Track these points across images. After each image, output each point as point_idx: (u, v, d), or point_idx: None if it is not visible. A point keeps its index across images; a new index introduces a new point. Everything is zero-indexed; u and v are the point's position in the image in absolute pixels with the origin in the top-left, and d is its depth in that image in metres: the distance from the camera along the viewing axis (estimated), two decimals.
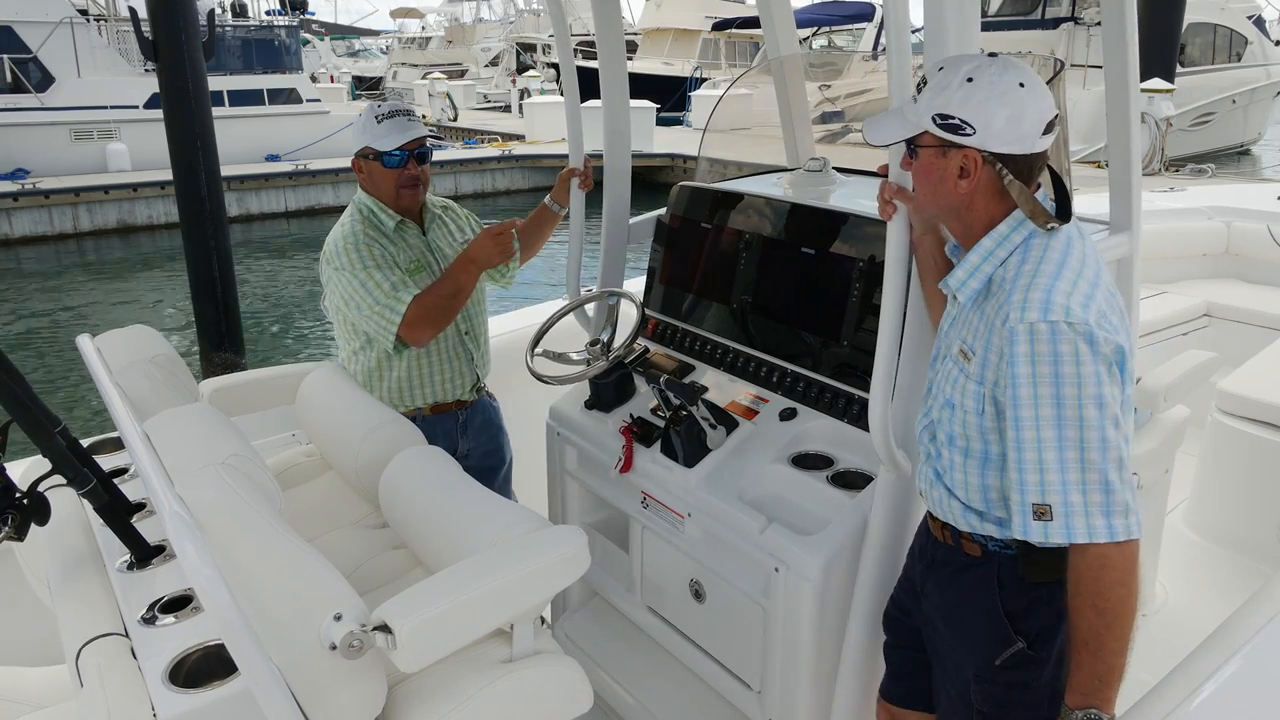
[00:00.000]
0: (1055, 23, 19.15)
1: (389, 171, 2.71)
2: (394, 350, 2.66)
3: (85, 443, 2.08)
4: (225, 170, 8.31)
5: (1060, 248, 1.59)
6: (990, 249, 1.63)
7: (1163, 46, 14.58)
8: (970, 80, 1.56)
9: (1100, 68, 2.23)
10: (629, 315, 2.81)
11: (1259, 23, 22.36)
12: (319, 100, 20.43)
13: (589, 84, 2.85)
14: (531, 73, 30.80)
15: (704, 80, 26.59)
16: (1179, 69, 16.16)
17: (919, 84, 1.65)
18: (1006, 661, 1.69)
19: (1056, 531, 1.50)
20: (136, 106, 17.31)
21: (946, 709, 1.86)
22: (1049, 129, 1.59)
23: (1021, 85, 1.55)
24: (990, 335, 1.59)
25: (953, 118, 1.57)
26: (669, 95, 24.44)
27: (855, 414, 2.28)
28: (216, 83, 12.76)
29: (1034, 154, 1.60)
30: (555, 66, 30.41)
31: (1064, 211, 1.63)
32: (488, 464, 2.99)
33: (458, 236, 2.93)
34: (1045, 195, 1.66)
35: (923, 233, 1.87)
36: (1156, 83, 14.14)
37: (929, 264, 1.90)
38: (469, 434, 2.94)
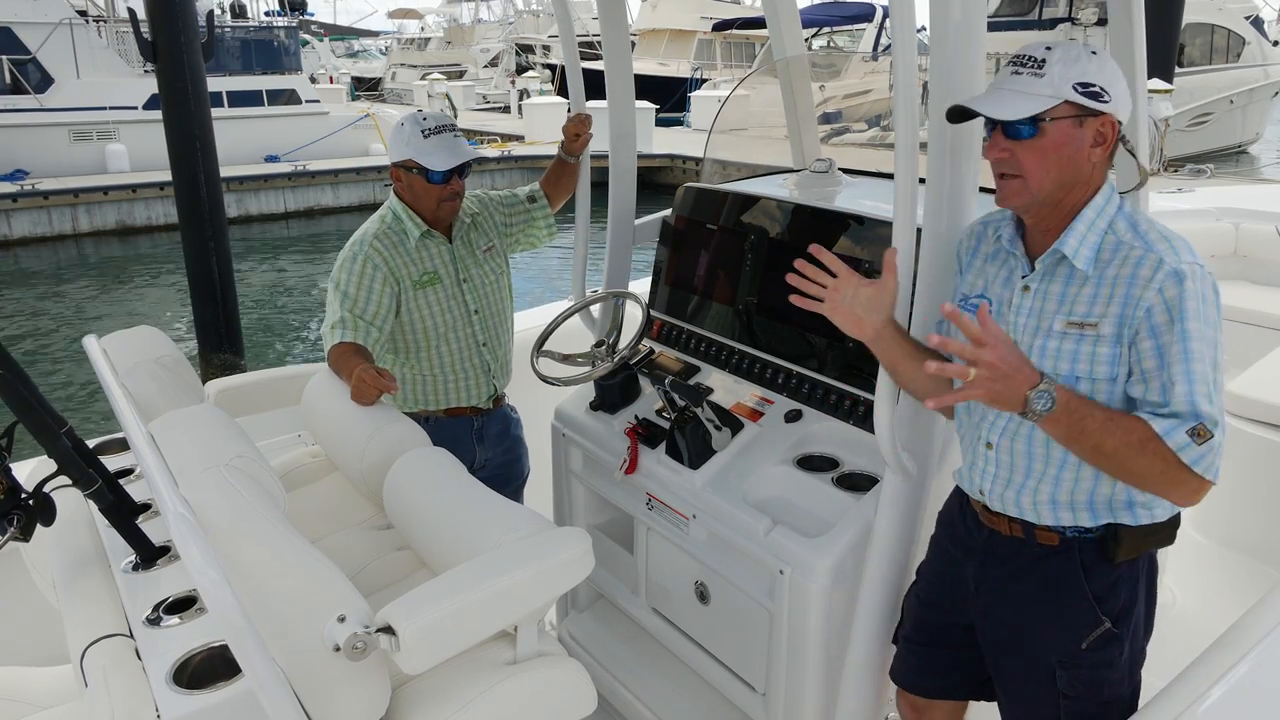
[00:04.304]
0: (1052, 23, 19.19)
1: (433, 188, 2.70)
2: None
3: (91, 443, 2.07)
4: (224, 171, 8.30)
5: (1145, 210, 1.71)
6: (1092, 218, 1.66)
7: (1162, 47, 14.59)
8: (1094, 53, 1.62)
9: None
10: (634, 317, 2.79)
11: (1257, 23, 22.42)
12: (318, 101, 20.41)
13: (589, 84, 2.84)
14: (530, 73, 30.76)
15: (704, 81, 26.56)
16: (1177, 69, 16.17)
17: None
18: (1093, 644, 1.73)
19: (1196, 457, 1.50)
20: (136, 107, 17.28)
21: (1023, 698, 1.85)
22: None
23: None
24: (1130, 289, 1.58)
25: (1093, 85, 1.59)
26: (665, 96, 24.38)
27: (861, 416, 2.27)
28: (216, 84, 12.76)
29: None
30: (553, 68, 30.38)
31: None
32: (503, 474, 2.96)
33: (481, 245, 2.91)
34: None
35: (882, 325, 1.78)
36: (1155, 83, 14.10)
37: (898, 351, 1.81)
38: (486, 443, 2.92)
